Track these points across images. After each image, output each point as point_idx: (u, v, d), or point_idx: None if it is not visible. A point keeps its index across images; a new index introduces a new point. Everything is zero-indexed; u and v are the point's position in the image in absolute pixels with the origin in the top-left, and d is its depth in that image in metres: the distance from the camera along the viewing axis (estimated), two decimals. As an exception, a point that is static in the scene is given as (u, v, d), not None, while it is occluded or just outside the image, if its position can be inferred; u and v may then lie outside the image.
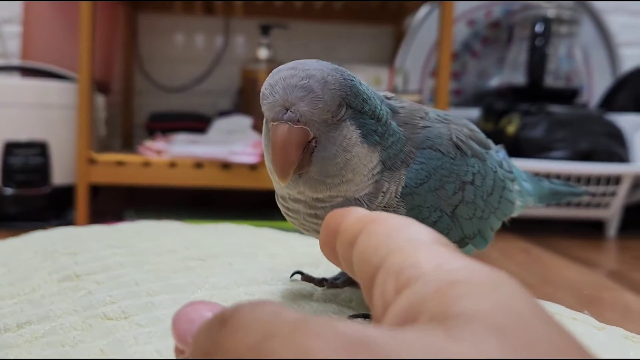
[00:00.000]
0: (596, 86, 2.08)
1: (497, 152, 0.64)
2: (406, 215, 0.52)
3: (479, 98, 2.04)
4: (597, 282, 1.24)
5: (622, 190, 1.67)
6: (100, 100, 1.70)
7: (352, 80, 0.50)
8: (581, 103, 1.97)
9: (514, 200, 0.64)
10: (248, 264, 0.68)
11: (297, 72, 0.49)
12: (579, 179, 1.64)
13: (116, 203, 1.73)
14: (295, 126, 0.47)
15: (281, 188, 0.52)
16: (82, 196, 1.46)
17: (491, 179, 0.58)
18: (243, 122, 1.71)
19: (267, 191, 1.57)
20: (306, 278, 0.64)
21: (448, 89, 1.57)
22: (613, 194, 1.67)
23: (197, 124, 1.77)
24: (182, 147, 1.53)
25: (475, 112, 1.93)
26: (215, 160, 1.49)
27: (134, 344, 0.49)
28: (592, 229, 1.78)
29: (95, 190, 1.61)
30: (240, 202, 1.74)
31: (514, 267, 1.31)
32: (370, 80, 1.62)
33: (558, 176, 1.62)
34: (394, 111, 0.55)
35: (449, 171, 0.54)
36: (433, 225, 0.54)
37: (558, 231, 1.74)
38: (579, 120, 1.72)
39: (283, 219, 0.55)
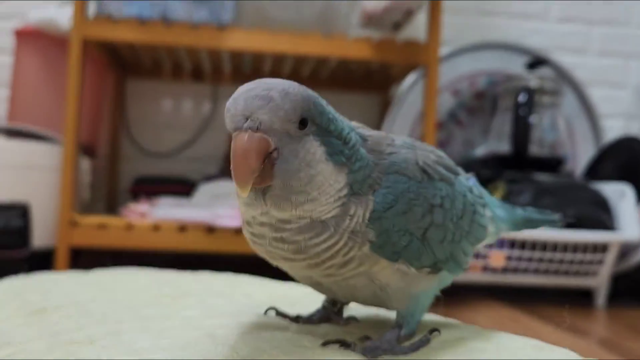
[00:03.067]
0: (580, 156, 2.10)
1: (467, 179, 0.65)
2: (376, 241, 0.52)
3: (465, 167, 2.03)
4: (588, 351, 1.21)
5: (610, 258, 1.66)
6: (86, 163, 1.69)
7: (317, 98, 0.51)
8: (566, 172, 1.98)
9: (486, 225, 0.64)
10: (223, 301, 0.67)
11: (259, 85, 0.50)
12: (565, 247, 1.63)
13: (97, 267, 1.69)
14: (256, 134, 0.47)
15: (246, 211, 0.52)
16: (62, 259, 1.43)
17: (461, 203, 0.58)
18: (229, 186, 1.69)
19: (252, 256, 1.55)
20: (280, 314, 0.63)
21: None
22: (600, 262, 1.66)
23: (183, 188, 1.75)
24: (166, 210, 1.51)
25: (461, 180, 1.94)
26: (199, 224, 1.47)
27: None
28: (581, 298, 1.76)
29: (77, 254, 1.57)
30: (225, 266, 1.71)
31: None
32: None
33: (544, 245, 1.61)
34: (362, 138, 0.55)
35: (416, 194, 0.54)
36: (404, 249, 0.53)
37: (547, 300, 1.72)
38: (565, 188, 1.72)
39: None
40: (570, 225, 1.66)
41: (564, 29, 2.22)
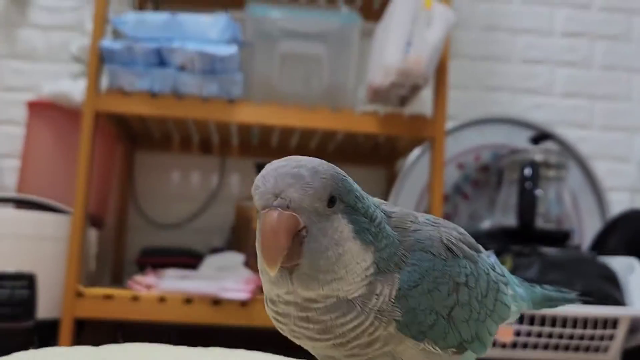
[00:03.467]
0: (586, 229, 2.10)
1: (489, 257, 0.64)
2: (402, 320, 0.51)
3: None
4: None
5: (620, 333, 1.63)
6: (93, 234, 1.70)
7: (345, 176, 0.52)
8: (573, 246, 1.97)
9: (509, 303, 0.63)
10: None
11: (289, 163, 0.50)
12: (575, 322, 1.61)
13: (102, 338, 1.67)
14: (285, 212, 0.48)
15: (271, 289, 0.51)
16: (67, 331, 1.42)
17: (485, 281, 0.58)
18: (235, 258, 1.69)
19: (259, 329, 1.53)
20: None
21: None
22: (611, 337, 1.63)
23: (189, 259, 1.75)
24: (172, 282, 1.50)
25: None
26: (205, 296, 1.46)
27: None
28: (592, 375, 1.72)
29: (81, 326, 1.56)
30: (231, 339, 1.69)
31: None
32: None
33: (554, 320, 1.59)
34: (387, 215, 0.55)
35: (442, 272, 0.54)
36: (430, 329, 0.53)
37: (557, 377, 1.68)
38: (572, 262, 1.71)
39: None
40: (580, 300, 1.64)
41: (567, 104, 2.25)
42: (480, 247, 0.63)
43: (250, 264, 1.74)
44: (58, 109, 1.73)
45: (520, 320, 1.61)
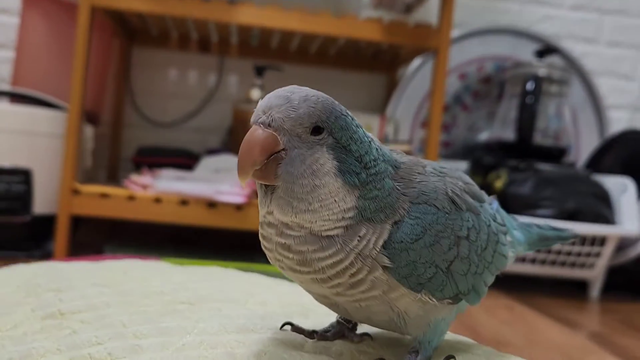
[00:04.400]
0: (583, 147, 2.10)
1: (490, 205, 0.65)
2: (398, 271, 0.52)
3: (468, 151, 2.05)
4: (581, 345, 1.22)
5: (607, 251, 1.66)
6: (89, 130, 1.68)
7: (343, 114, 0.51)
8: (568, 162, 1.98)
9: (507, 254, 0.64)
10: (237, 310, 0.66)
11: (289, 89, 0.51)
12: (564, 238, 1.63)
13: (97, 236, 1.70)
14: (266, 130, 0.49)
15: (260, 209, 0.53)
16: (63, 227, 1.43)
17: (485, 234, 0.58)
18: (231, 161, 1.69)
19: (252, 232, 1.55)
20: (296, 329, 0.63)
21: (439, 139, 1.57)
22: (598, 254, 1.67)
23: (185, 160, 1.75)
24: (168, 183, 1.51)
25: (463, 165, 1.94)
26: (201, 198, 1.47)
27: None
28: (576, 289, 1.77)
29: (77, 222, 1.58)
30: (225, 242, 1.72)
31: (497, 325, 1.29)
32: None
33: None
34: (395, 166, 0.55)
35: (444, 226, 0.54)
36: (428, 281, 0.53)
37: (542, 289, 1.73)
38: (567, 180, 1.72)
39: (268, 261, 0.54)
40: (570, 217, 1.66)
41: (575, 17, 2.20)
42: (484, 196, 0.63)
43: (246, 167, 1.74)
44: (53, 0, 1.68)
45: (511, 234, 1.63)
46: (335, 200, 0.50)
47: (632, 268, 1.75)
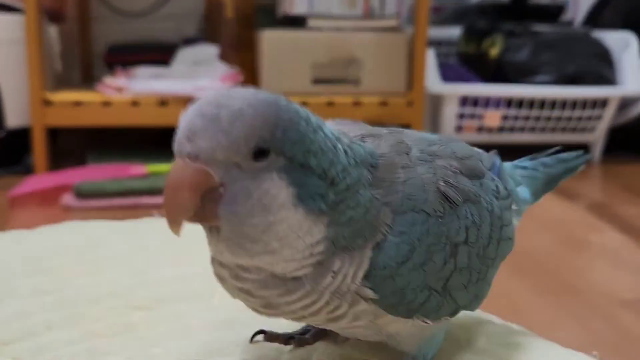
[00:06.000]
0: (581, 1, 1.98)
1: (491, 170, 0.54)
2: (383, 301, 0.43)
3: (460, 16, 1.93)
4: (582, 220, 1.18)
5: (608, 113, 1.60)
6: (53, 31, 1.57)
7: (297, 123, 0.40)
8: (566, 20, 1.87)
9: (513, 234, 0.55)
10: (200, 314, 0.59)
11: (217, 99, 0.39)
12: (564, 104, 1.57)
13: (77, 144, 1.63)
14: (193, 164, 0.38)
15: (209, 247, 0.43)
16: (39, 139, 1.36)
17: (488, 225, 0.49)
18: (209, 51, 1.59)
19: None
20: (270, 337, 0.55)
21: (429, 4, 1.46)
22: (599, 117, 1.60)
23: (160, 55, 1.64)
24: (144, 83, 1.42)
25: (455, 31, 1.83)
26: (181, 97, 1.39)
27: None
28: (576, 153, 1.72)
29: (55, 132, 1.50)
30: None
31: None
32: (345, 3, 1.50)
33: (543, 102, 1.55)
34: (373, 166, 0.44)
35: (437, 236, 0.44)
36: (421, 306, 0.45)
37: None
38: (565, 42, 1.63)
39: None
40: (570, 81, 1.59)
41: None
42: (483, 168, 0.52)
43: (226, 55, 1.64)
44: None
45: (508, 104, 1.56)
46: (298, 236, 0.40)
47: (634, 127, 1.69)
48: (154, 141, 1.67)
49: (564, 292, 0.82)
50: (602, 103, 1.59)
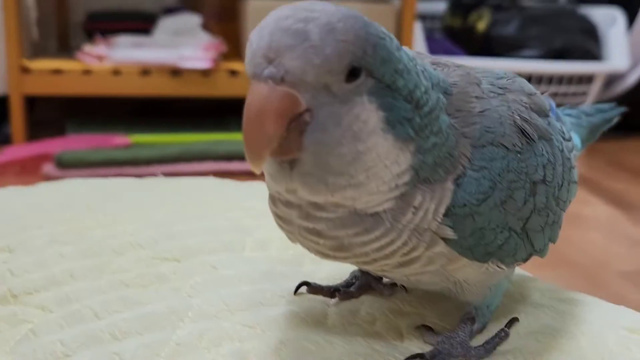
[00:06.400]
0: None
1: (551, 112, 0.50)
2: (463, 242, 0.40)
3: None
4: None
5: (594, 89, 1.60)
6: (30, -3, 1.51)
7: (383, 39, 0.36)
8: (553, -5, 1.86)
9: (577, 177, 0.52)
10: (236, 266, 0.55)
11: (297, 12, 0.34)
12: (551, 79, 1.56)
13: (56, 113, 1.59)
14: (278, 87, 0.33)
15: (270, 183, 0.39)
16: (17, 108, 1.32)
17: (560, 165, 0.46)
18: (191, 21, 1.55)
19: (220, 98, 1.46)
20: (314, 289, 0.51)
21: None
22: (584, 93, 1.60)
23: (141, 24, 1.60)
24: (125, 51, 1.38)
25: (441, 5, 1.81)
26: (163, 66, 1.36)
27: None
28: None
29: (32, 101, 1.46)
30: (192, 110, 1.62)
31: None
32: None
33: (529, 78, 1.54)
34: (445, 92, 0.41)
35: (518, 172, 0.41)
36: (499, 249, 0.42)
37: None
38: (552, 16, 1.62)
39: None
40: (557, 56, 1.58)
41: None
42: (547, 105, 0.48)
43: (209, 25, 1.60)
44: None
45: (495, 79, 1.55)
46: (385, 165, 0.36)
47: (619, 103, 1.68)
48: (135, 111, 1.63)
49: (563, 266, 0.81)
50: (588, 79, 1.59)
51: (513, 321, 0.50)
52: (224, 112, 1.47)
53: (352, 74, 0.34)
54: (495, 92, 0.43)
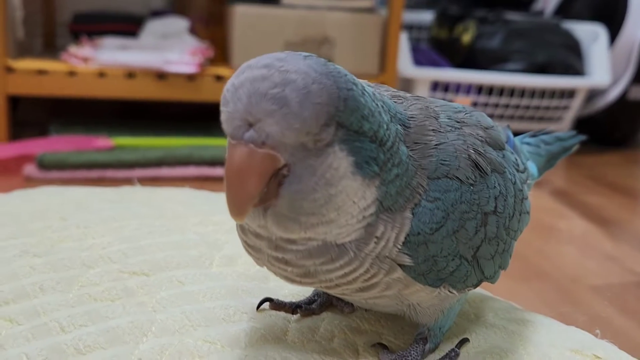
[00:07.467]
0: (553, -9, 1.99)
1: (508, 143, 0.53)
2: (417, 268, 0.42)
3: (432, 1, 1.92)
4: (550, 207, 1.19)
5: (576, 103, 1.62)
6: (16, -4, 1.51)
7: (351, 89, 0.38)
8: (537, 10, 1.88)
9: (529, 206, 0.55)
10: (202, 281, 0.56)
11: (272, 74, 0.36)
12: (533, 93, 1.58)
13: (39, 114, 1.58)
14: (260, 150, 0.35)
15: (247, 220, 0.41)
16: (0, 108, 1.31)
17: (512, 196, 0.48)
18: (178, 24, 1.56)
19: (205, 103, 1.46)
20: (276, 306, 0.53)
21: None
22: (566, 107, 1.62)
23: (128, 26, 1.60)
24: (111, 54, 1.38)
25: (427, 16, 1.83)
26: (149, 70, 1.35)
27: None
28: (542, 143, 1.74)
29: (15, 101, 1.45)
30: (177, 114, 1.62)
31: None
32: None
33: (512, 91, 1.55)
34: (404, 126, 0.43)
35: (470, 204, 0.44)
36: (450, 275, 0.44)
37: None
38: (536, 31, 1.63)
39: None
40: (540, 70, 1.59)
41: None
42: (503, 140, 0.51)
43: (196, 30, 1.61)
44: None
45: (478, 91, 1.57)
46: (354, 202, 0.39)
47: (600, 118, 1.71)
48: (119, 114, 1.63)
49: (535, 278, 0.82)
50: (570, 93, 1.61)
51: (464, 341, 0.53)
52: (208, 117, 1.47)
53: (325, 129, 0.37)
54: (453, 125, 0.46)
